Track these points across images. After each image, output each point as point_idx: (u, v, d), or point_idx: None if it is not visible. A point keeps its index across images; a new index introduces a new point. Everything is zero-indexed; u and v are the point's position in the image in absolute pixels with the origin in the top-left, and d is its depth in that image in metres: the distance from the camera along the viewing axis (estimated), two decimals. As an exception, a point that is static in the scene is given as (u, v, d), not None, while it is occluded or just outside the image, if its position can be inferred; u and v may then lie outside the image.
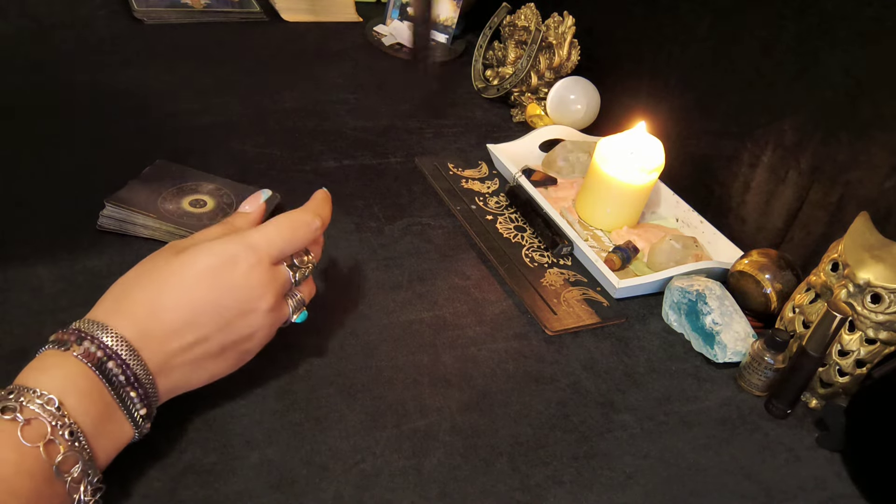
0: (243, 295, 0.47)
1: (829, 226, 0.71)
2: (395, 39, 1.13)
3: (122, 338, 0.43)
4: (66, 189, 0.69)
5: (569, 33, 0.96)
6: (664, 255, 0.75)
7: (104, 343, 0.42)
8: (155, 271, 0.46)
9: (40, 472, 0.38)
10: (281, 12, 1.13)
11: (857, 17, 0.66)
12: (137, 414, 0.44)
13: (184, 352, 0.46)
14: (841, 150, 0.69)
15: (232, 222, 0.53)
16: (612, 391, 0.61)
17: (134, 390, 0.43)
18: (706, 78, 0.85)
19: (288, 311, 0.52)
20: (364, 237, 0.72)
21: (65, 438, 0.39)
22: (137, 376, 0.43)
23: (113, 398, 0.42)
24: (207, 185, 0.72)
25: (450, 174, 0.85)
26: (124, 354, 0.43)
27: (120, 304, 0.45)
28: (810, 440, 0.60)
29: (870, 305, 0.58)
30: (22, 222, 0.65)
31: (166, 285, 0.45)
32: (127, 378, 0.43)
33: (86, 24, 1.01)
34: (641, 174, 0.77)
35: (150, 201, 0.67)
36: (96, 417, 0.41)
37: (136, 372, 0.43)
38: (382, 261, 0.70)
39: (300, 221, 0.51)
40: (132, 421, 0.44)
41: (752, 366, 0.62)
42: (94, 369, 0.42)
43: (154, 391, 0.45)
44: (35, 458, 0.38)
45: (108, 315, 0.44)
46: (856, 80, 0.67)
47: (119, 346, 0.43)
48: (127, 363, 0.43)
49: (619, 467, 0.54)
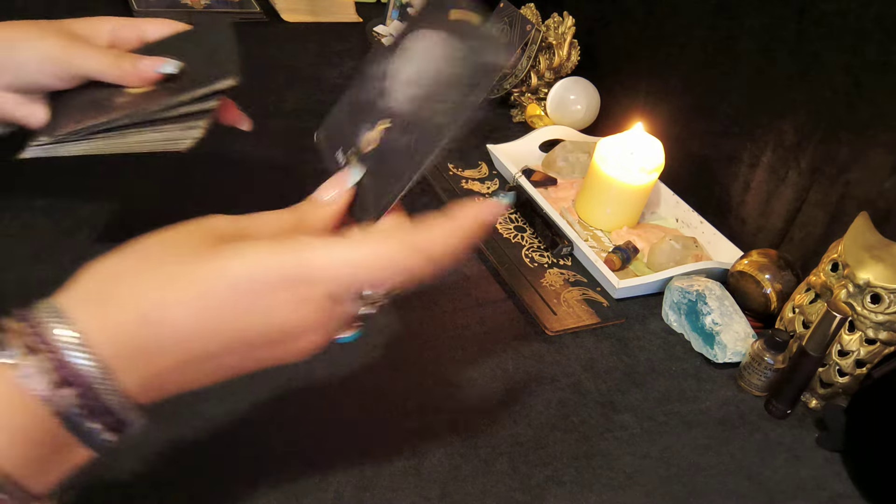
0: (281, 330, 0.34)
1: (829, 226, 0.71)
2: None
3: (94, 355, 0.30)
4: (67, 188, 0.69)
5: (569, 33, 0.96)
6: (664, 256, 0.75)
7: (66, 360, 0.30)
8: (170, 261, 0.33)
9: None
10: (281, 13, 1.13)
11: (857, 17, 0.66)
12: (101, 441, 0.32)
13: (180, 371, 0.33)
14: (841, 150, 0.69)
15: (302, 216, 0.39)
16: (612, 391, 0.61)
17: (99, 421, 0.31)
18: (706, 78, 0.85)
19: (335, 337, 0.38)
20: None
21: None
22: (108, 406, 0.31)
23: (66, 431, 0.31)
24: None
25: (450, 174, 0.85)
26: (94, 380, 0.30)
27: (103, 298, 0.32)
28: (810, 440, 0.60)
29: (870, 305, 0.58)
30: (23, 221, 0.65)
31: (180, 288, 0.32)
32: (91, 410, 0.30)
33: (86, 24, 1.01)
34: (641, 174, 0.77)
35: (94, 110, 0.54)
36: (34, 460, 0.30)
37: (106, 402, 0.31)
38: (382, 261, 0.70)
39: (405, 264, 0.35)
40: (93, 446, 0.32)
41: (752, 366, 0.62)
42: (43, 402, 0.29)
43: (132, 416, 0.32)
44: None
45: (80, 309, 0.31)
46: (856, 80, 0.67)
47: (88, 365, 0.30)
48: (95, 392, 0.30)
49: (619, 467, 0.54)
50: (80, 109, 0.55)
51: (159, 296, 0.32)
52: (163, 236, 0.34)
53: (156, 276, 0.32)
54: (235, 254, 0.33)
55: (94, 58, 0.54)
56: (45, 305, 0.32)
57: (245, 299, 0.32)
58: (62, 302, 0.32)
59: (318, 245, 0.34)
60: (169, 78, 0.55)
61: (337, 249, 0.34)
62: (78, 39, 0.55)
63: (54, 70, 0.54)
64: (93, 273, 0.33)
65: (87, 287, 0.32)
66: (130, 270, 0.33)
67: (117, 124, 0.53)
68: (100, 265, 0.33)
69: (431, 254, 0.35)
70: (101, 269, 0.33)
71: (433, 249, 0.36)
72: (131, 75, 0.54)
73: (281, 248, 0.33)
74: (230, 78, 0.55)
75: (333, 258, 0.34)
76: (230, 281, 0.32)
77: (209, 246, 0.33)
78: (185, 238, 0.34)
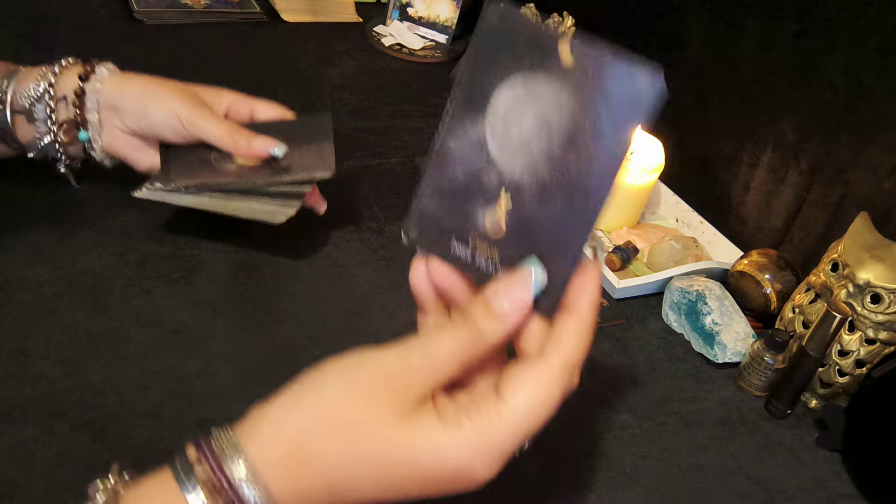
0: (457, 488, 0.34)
1: (829, 226, 0.71)
2: (395, 39, 1.13)
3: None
4: (65, 189, 0.69)
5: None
6: (664, 256, 0.75)
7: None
8: (360, 433, 0.32)
9: None
10: (281, 12, 1.13)
11: (857, 17, 0.66)
12: None
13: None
14: (841, 150, 0.69)
15: (475, 327, 0.34)
16: (612, 391, 0.61)
17: None
18: (706, 78, 0.85)
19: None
20: (364, 237, 0.72)
21: None
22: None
23: None
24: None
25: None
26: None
27: (290, 465, 0.32)
28: (810, 440, 0.60)
29: (870, 306, 0.58)
30: (23, 222, 0.65)
31: (369, 468, 0.33)
32: None
33: (86, 24, 1.01)
34: (641, 174, 0.77)
35: (204, 168, 0.63)
36: None
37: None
38: (382, 261, 0.70)
39: (560, 395, 0.34)
40: None
41: (752, 366, 0.62)
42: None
43: None
44: None
45: (270, 471, 0.32)
46: (856, 80, 0.67)
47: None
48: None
49: (619, 467, 0.54)
50: (194, 166, 0.63)
51: (348, 473, 0.32)
52: (345, 386, 0.33)
53: (346, 450, 0.32)
54: (427, 444, 0.32)
55: (215, 125, 0.62)
56: (229, 448, 0.33)
57: (428, 482, 0.33)
58: (248, 450, 0.32)
59: (501, 426, 0.32)
60: (273, 158, 0.63)
61: (516, 416, 0.33)
62: (202, 105, 0.63)
63: (177, 127, 0.61)
64: (277, 426, 0.33)
65: (274, 445, 0.33)
66: (320, 435, 0.33)
67: (227, 188, 0.62)
68: (283, 419, 0.33)
69: (577, 365, 0.34)
70: (286, 424, 0.33)
71: (577, 360, 0.34)
72: (244, 149, 0.62)
73: (466, 440, 0.32)
74: (327, 171, 0.63)
75: (514, 427, 0.33)
76: (418, 470, 0.32)
77: (396, 417, 0.32)
78: (368, 396, 0.33)
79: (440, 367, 0.33)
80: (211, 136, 0.62)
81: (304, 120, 0.68)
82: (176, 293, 0.61)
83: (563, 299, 0.35)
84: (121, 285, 0.61)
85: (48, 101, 0.60)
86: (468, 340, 0.33)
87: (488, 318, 0.34)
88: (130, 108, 0.62)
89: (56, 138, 0.62)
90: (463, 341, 0.33)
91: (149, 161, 0.65)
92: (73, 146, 0.63)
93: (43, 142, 0.62)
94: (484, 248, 0.36)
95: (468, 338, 0.33)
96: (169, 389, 0.53)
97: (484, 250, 0.36)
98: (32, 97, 0.60)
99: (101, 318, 0.57)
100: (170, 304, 0.60)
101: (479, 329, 0.33)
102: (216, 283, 0.63)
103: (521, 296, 0.34)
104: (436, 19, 1.15)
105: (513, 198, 0.35)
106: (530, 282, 0.34)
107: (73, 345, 0.55)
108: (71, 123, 0.61)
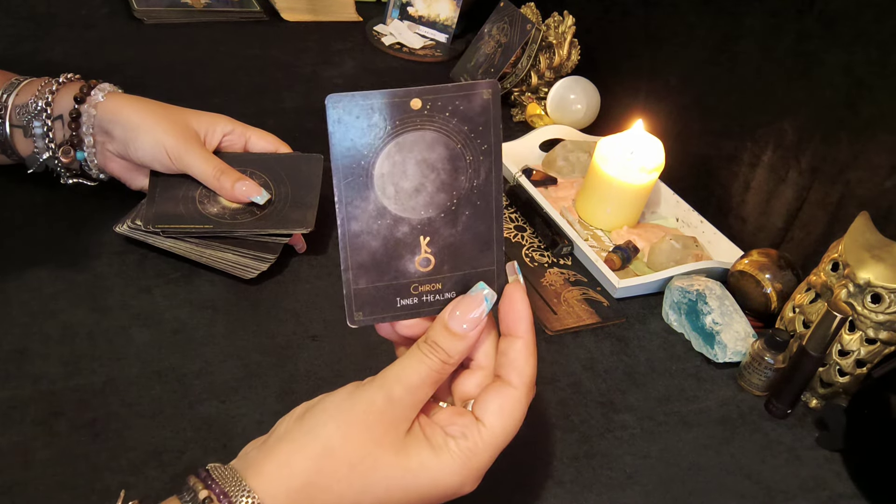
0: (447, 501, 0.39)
1: (829, 226, 0.71)
2: (395, 39, 1.13)
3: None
4: (66, 189, 0.69)
5: (569, 33, 0.96)
6: (664, 255, 0.75)
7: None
8: (365, 467, 0.36)
9: None
10: (281, 12, 1.13)
11: (857, 17, 0.66)
12: None
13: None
14: (841, 150, 0.69)
15: (441, 349, 0.38)
16: (612, 391, 0.61)
17: None
18: (706, 78, 0.85)
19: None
20: (364, 237, 0.72)
21: None
22: None
23: None
24: (245, 170, 0.67)
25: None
26: None
27: (309, 502, 0.36)
28: (810, 440, 0.60)
29: (870, 305, 0.58)
30: (23, 222, 0.65)
31: (373, 496, 0.37)
32: None
33: (86, 23, 1.01)
34: (641, 174, 0.77)
35: (187, 208, 0.63)
36: None
37: None
38: (382, 261, 0.70)
39: (526, 405, 0.39)
40: None
41: (752, 366, 0.62)
42: None
43: None
44: None
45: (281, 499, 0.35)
46: (856, 80, 0.67)
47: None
48: None
49: (619, 467, 0.54)
50: (177, 203, 0.63)
51: (356, 496, 0.36)
52: (342, 426, 0.36)
53: (351, 484, 0.36)
54: (423, 471, 0.37)
55: (203, 163, 0.63)
56: (236, 485, 0.35)
57: (423, 502, 0.38)
58: (257, 487, 0.35)
59: (484, 447, 0.38)
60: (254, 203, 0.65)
61: (496, 438, 0.38)
62: (192, 139, 0.63)
63: (163, 160, 0.62)
64: (283, 465, 0.36)
65: (283, 482, 0.35)
66: (326, 472, 0.36)
67: (204, 235, 0.63)
68: (289, 459, 0.36)
69: (534, 381, 0.40)
70: (292, 464, 0.36)
71: (534, 376, 0.39)
72: (227, 192, 0.63)
73: (461, 464, 0.37)
74: (306, 228, 0.64)
75: (494, 446, 0.38)
76: (416, 494, 0.37)
77: (395, 450, 0.37)
78: (367, 433, 0.36)
79: (418, 394, 0.37)
80: (198, 173, 0.63)
81: (297, 159, 0.69)
82: (176, 293, 0.61)
83: (503, 326, 0.39)
84: (121, 285, 0.61)
85: (45, 120, 0.61)
86: (437, 363, 0.37)
87: (451, 339, 0.38)
88: (121, 138, 0.62)
89: (55, 155, 0.63)
90: (433, 365, 0.37)
91: (141, 182, 0.66)
92: (72, 163, 0.64)
93: (42, 157, 0.63)
94: (426, 286, 0.39)
95: (437, 360, 0.37)
96: (169, 389, 0.53)
97: (427, 287, 0.39)
98: (30, 113, 0.61)
99: (101, 318, 0.57)
100: (170, 304, 0.60)
101: (444, 350, 0.37)
102: (216, 283, 0.63)
103: (476, 314, 0.38)
104: (436, 18, 1.15)
105: (429, 234, 0.39)
106: (482, 300, 0.38)
107: (73, 345, 0.55)
108: (68, 144, 0.63)
